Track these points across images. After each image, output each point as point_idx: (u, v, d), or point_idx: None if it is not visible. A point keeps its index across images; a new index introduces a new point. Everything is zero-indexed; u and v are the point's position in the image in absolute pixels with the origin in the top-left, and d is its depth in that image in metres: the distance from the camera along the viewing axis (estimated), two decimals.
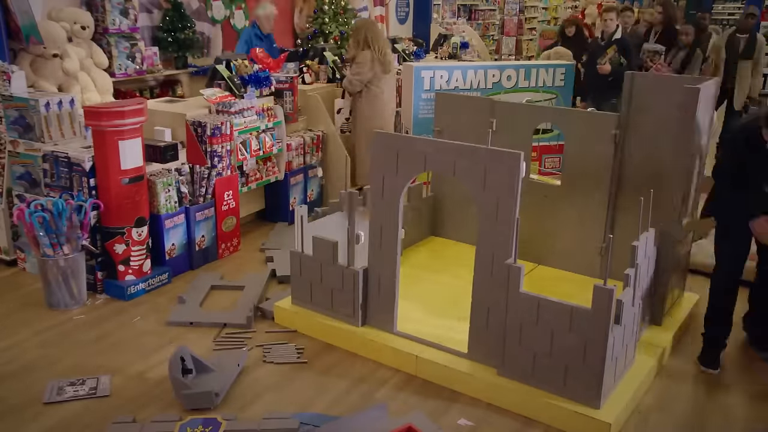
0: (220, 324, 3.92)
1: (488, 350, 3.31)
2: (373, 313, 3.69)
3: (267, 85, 5.49)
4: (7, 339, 3.75)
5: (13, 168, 4.54)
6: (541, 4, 16.24)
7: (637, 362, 3.42)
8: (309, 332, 3.85)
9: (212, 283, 4.42)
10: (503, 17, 14.13)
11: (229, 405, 3.20)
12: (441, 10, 13.54)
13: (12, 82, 4.53)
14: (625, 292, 3.05)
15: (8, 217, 4.58)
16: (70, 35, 5.59)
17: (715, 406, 3.31)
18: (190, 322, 3.93)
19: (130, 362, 3.55)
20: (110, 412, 3.13)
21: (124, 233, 4.18)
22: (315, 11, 8.79)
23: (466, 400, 3.28)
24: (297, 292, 3.94)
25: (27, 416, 3.09)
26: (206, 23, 7.53)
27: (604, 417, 2.98)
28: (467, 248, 4.29)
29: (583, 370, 3.00)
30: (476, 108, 4.54)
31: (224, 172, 4.83)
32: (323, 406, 3.22)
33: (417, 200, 4.84)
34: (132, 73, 6.28)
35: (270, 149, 5.28)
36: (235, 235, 5.05)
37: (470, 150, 3.18)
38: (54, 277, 4.01)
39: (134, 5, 6.18)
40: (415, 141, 3.40)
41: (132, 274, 4.26)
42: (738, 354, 3.80)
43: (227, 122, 4.80)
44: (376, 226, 3.54)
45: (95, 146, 4.11)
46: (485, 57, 11.64)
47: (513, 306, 3.13)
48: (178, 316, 3.97)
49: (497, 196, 3.12)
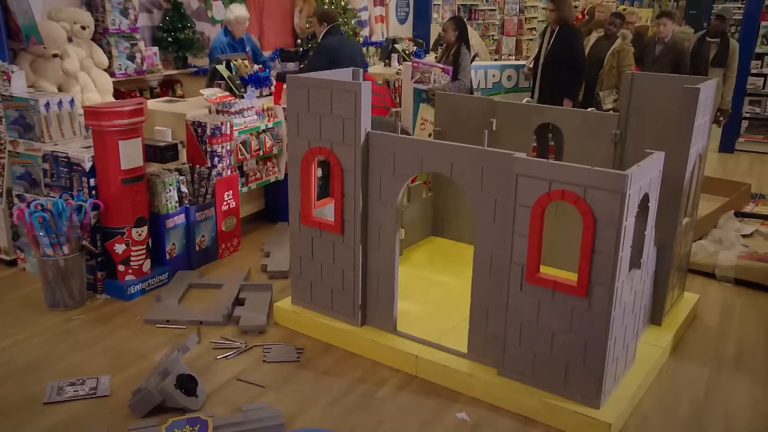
0: (197, 322, 3.92)
1: (488, 350, 3.32)
2: (373, 313, 3.70)
3: (267, 85, 5.50)
4: (7, 339, 3.75)
5: (13, 168, 4.54)
6: (541, 4, 16.23)
7: (637, 362, 3.43)
8: (309, 332, 3.85)
9: (191, 281, 4.44)
10: (503, 17, 14.13)
11: (228, 405, 3.20)
12: (441, 10, 13.54)
13: (12, 82, 4.53)
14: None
15: (8, 217, 4.58)
16: (70, 35, 5.59)
17: (715, 406, 3.31)
18: (167, 320, 3.93)
19: (130, 362, 3.55)
20: (110, 412, 3.13)
21: (124, 233, 4.18)
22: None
23: (466, 400, 3.28)
24: (297, 292, 3.94)
25: (27, 416, 3.09)
26: (206, 23, 7.53)
27: (604, 417, 2.98)
28: (467, 248, 4.29)
29: (583, 370, 3.01)
30: (476, 108, 4.54)
31: (224, 172, 4.83)
32: (323, 406, 3.22)
33: (417, 200, 4.84)
34: (132, 73, 6.27)
35: (270, 149, 5.29)
36: (235, 235, 5.05)
37: (466, 151, 3.19)
38: (54, 277, 4.01)
39: (134, 5, 6.17)
40: (412, 142, 3.40)
41: (132, 274, 4.26)
42: (738, 354, 3.80)
43: (227, 122, 4.80)
44: (375, 226, 3.54)
45: (95, 146, 4.11)
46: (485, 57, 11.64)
47: (513, 306, 3.13)
48: (155, 314, 3.98)
49: (494, 197, 3.12)
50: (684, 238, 3.95)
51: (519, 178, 2.96)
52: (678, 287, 4.07)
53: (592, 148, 4.09)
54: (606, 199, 2.77)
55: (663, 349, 3.61)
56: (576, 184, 2.82)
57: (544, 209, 2.95)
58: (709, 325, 4.14)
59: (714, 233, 5.28)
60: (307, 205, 3.72)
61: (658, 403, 3.32)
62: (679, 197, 3.62)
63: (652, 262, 3.59)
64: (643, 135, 3.90)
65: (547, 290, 3.01)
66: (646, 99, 3.88)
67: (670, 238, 3.69)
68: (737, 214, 5.64)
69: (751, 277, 4.63)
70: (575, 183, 2.82)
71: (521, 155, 2.99)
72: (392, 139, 3.42)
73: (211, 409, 3.15)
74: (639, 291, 3.28)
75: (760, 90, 8.97)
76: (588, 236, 2.84)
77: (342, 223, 3.58)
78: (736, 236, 5.19)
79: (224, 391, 3.32)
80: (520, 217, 3.01)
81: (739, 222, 5.52)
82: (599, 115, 4.29)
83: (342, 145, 3.47)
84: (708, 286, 4.66)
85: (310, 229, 3.74)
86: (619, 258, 2.81)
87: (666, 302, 3.82)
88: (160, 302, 4.13)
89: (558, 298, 2.99)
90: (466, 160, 3.18)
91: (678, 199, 3.62)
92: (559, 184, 2.87)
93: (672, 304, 3.99)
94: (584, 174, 2.80)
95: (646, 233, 3.16)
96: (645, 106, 3.89)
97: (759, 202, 6.22)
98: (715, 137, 7.90)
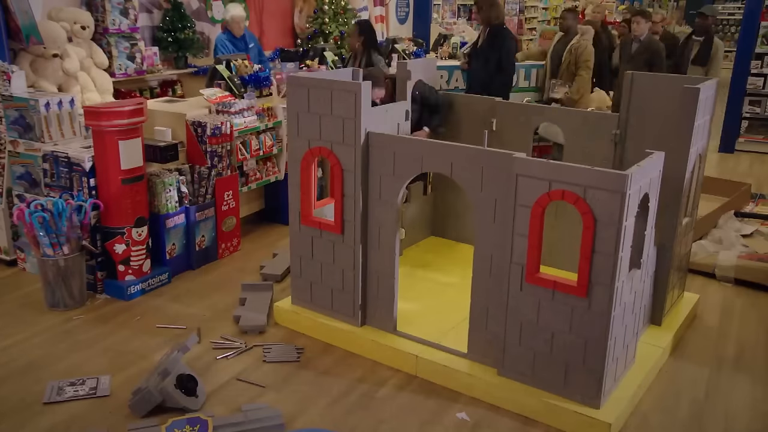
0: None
1: (488, 350, 3.32)
2: (373, 313, 3.70)
3: (267, 85, 5.50)
4: (7, 339, 3.75)
5: (13, 168, 4.54)
6: (541, 4, 16.25)
7: (637, 362, 3.43)
8: (309, 332, 3.85)
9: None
10: None
11: (228, 405, 3.20)
12: (441, 10, 13.55)
13: (12, 82, 4.53)
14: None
15: (8, 217, 4.58)
16: (70, 35, 5.59)
17: (715, 406, 3.31)
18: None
19: (130, 362, 3.55)
20: (110, 412, 3.13)
21: (124, 233, 4.18)
22: (315, 11, 8.79)
23: (466, 400, 3.28)
24: (297, 292, 3.94)
25: (27, 416, 3.09)
26: (206, 23, 7.53)
27: (604, 417, 2.98)
28: (467, 248, 4.29)
29: (583, 370, 3.01)
30: (476, 108, 4.54)
31: (224, 172, 4.83)
32: (323, 406, 3.22)
33: (417, 200, 4.84)
34: (132, 73, 6.28)
35: (270, 149, 5.29)
36: (235, 235, 5.05)
37: (466, 151, 3.19)
38: (54, 277, 4.01)
39: (134, 5, 6.18)
40: (411, 142, 3.40)
41: (132, 274, 4.26)
42: (738, 354, 3.80)
43: (227, 122, 4.80)
44: (375, 226, 3.54)
45: (95, 146, 4.11)
46: None
47: (513, 306, 3.13)
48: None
49: (494, 197, 3.12)
50: (684, 238, 3.95)
51: (519, 178, 2.96)
52: (678, 287, 4.07)
53: (592, 148, 4.09)
54: (606, 199, 2.77)
55: (663, 349, 3.61)
56: (576, 184, 2.82)
57: (544, 209, 2.95)
58: (709, 325, 4.14)
59: (714, 233, 5.28)
60: (307, 205, 3.72)
61: (658, 403, 3.32)
62: (679, 197, 3.62)
63: (652, 262, 3.59)
64: (643, 135, 3.90)
65: (547, 290, 3.01)
66: (646, 99, 3.88)
67: (670, 238, 3.69)
68: (737, 214, 5.64)
69: (751, 277, 4.63)
70: (575, 183, 2.82)
71: (521, 155, 2.99)
72: (392, 139, 3.42)
73: (211, 409, 3.15)
74: (639, 291, 3.28)
75: (760, 90, 8.95)
76: (588, 236, 2.84)
77: (342, 223, 3.58)
78: (736, 236, 5.19)
79: (224, 391, 3.32)
80: (520, 217, 3.01)
81: (739, 222, 5.52)
82: (599, 116, 4.29)
83: (342, 145, 3.47)
84: (708, 286, 4.66)
85: (310, 229, 3.74)
86: (619, 258, 2.81)
87: (666, 302, 3.82)
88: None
89: (558, 298, 2.99)
90: (466, 160, 3.18)
91: (678, 199, 3.62)
92: (559, 184, 2.87)
93: (672, 304, 3.99)
94: (584, 174, 2.80)
95: (646, 233, 3.16)
96: (645, 107, 3.88)
97: (759, 202, 6.21)
98: (715, 137, 7.89)
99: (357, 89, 3.34)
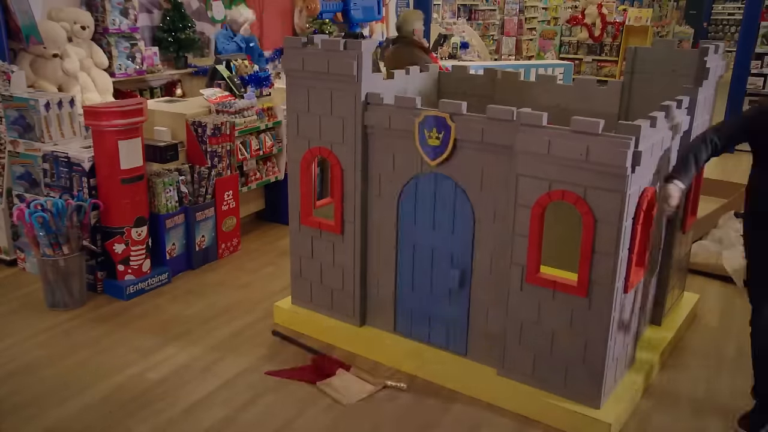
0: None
1: (488, 350, 3.32)
2: (373, 313, 3.70)
3: (267, 85, 5.50)
4: (7, 339, 3.75)
5: (13, 168, 4.54)
6: (541, 4, 16.27)
7: (637, 362, 3.43)
8: (309, 332, 3.85)
9: None
10: (503, 17, 14.14)
11: (227, 405, 3.20)
12: (441, 10, 13.57)
13: (12, 82, 4.53)
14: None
15: (8, 217, 4.58)
16: (70, 35, 5.59)
17: (715, 407, 3.31)
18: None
19: (130, 362, 3.55)
20: (110, 411, 3.13)
21: (124, 233, 4.18)
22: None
23: (466, 400, 3.28)
24: (297, 292, 3.94)
25: (27, 416, 3.09)
26: (206, 23, 7.53)
27: (604, 417, 2.98)
28: None
29: (583, 370, 3.01)
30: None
31: (224, 172, 4.83)
32: (323, 405, 3.22)
33: None
34: (132, 73, 6.28)
35: (270, 149, 5.29)
36: (235, 235, 5.05)
37: (466, 150, 3.18)
38: (54, 277, 4.01)
39: (134, 5, 6.18)
40: (411, 142, 3.39)
41: (131, 274, 4.26)
42: (738, 354, 3.80)
43: (227, 122, 4.80)
44: (375, 226, 3.54)
45: (95, 146, 4.11)
46: (485, 57, 11.65)
47: (513, 306, 3.13)
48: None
49: (494, 197, 3.12)
50: (684, 238, 3.95)
51: (519, 178, 2.96)
52: (678, 287, 4.07)
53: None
54: (606, 199, 2.77)
55: (663, 349, 3.61)
56: (576, 184, 2.82)
57: (545, 209, 2.95)
58: (709, 325, 4.14)
59: (714, 233, 5.28)
60: (307, 205, 3.72)
61: (658, 403, 3.32)
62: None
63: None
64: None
65: (548, 290, 3.01)
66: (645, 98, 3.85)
67: (670, 238, 3.69)
68: (737, 215, 5.63)
69: None
70: (575, 183, 2.82)
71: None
72: (392, 140, 3.42)
73: (211, 411, 3.14)
74: (639, 291, 3.28)
75: (760, 90, 8.95)
76: (588, 236, 2.84)
77: (342, 223, 3.58)
78: (736, 236, 5.18)
79: (224, 391, 3.32)
80: (520, 217, 3.00)
81: (739, 222, 5.52)
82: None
83: (342, 145, 3.47)
84: (708, 286, 4.66)
85: (310, 229, 3.74)
86: (619, 258, 2.81)
87: (666, 302, 3.82)
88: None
89: (558, 298, 2.99)
90: (465, 159, 3.16)
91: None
92: (559, 184, 2.87)
93: (672, 304, 3.99)
94: (584, 174, 2.80)
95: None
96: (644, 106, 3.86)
97: None
98: None
99: (357, 89, 3.33)
